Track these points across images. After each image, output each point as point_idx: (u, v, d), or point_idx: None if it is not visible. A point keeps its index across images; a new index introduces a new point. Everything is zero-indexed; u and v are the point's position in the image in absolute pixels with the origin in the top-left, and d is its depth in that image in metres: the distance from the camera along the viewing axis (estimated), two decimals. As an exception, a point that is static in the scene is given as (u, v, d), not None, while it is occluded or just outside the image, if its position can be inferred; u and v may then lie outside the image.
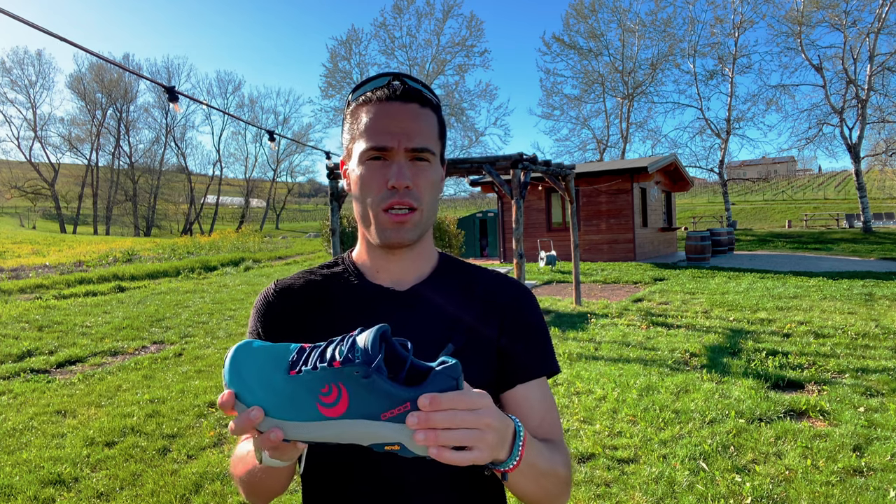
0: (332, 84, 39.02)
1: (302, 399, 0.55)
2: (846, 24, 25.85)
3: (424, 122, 0.81)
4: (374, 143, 0.79)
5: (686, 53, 32.35)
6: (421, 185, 0.80)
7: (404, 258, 0.87)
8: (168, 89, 5.94)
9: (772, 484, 3.12)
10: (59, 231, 46.17)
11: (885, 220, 31.79)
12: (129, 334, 7.70)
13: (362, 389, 0.52)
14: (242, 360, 0.58)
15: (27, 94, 52.81)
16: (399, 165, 0.78)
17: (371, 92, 0.82)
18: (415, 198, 0.80)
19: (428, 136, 0.81)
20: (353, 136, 0.83)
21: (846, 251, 18.46)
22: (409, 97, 0.81)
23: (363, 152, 0.80)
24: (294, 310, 0.87)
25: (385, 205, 0.79)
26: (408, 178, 0.78)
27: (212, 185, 60.66)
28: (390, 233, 0.80)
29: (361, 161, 0.81)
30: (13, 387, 5.38)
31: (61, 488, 3.33)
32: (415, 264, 0.88)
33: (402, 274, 0.88)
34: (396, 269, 0.87)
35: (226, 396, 0.57)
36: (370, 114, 0.80)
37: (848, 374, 5.04)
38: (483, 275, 0.93)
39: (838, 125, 26.72)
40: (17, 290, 11.64)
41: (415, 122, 0.80)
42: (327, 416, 0.54)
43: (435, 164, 0.83)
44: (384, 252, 0.86)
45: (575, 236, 9.62)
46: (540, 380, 0.86)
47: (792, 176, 65.49)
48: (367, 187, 0.81)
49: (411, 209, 0.80)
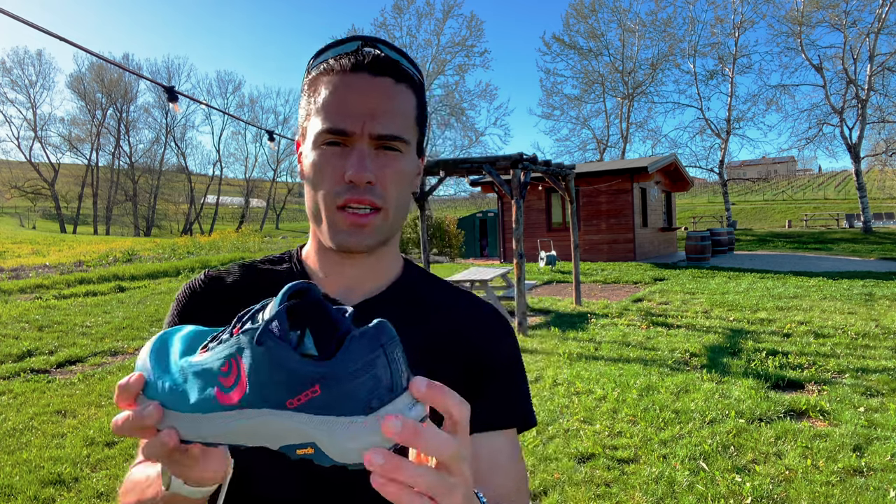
0: (332, 84, 39.01)
1: (202, 382, 0.43)
2: (846, 24, 25.86)
3: (398, 102, 0.66)
4: (330, 124, 0.64)
5: (686, 53, 32.37)
6: (387, 180, 0.66)
7: (359, 266, 0.72)
8: (168, 89, 5.94)
9: (772, 484, 3.12)
10: (59, 231, 46.16)
11: (885, 220, 31.78)
12: (129, 334, 7.70)
13: (261, 365, 0.39)
14: (171, 343, 0.47)
15: (27, 94, 52.79)
16: (360, 154, 0.63)
17: (335, 59, 0.66)
18: (378, 195, 0.65)
19: (400, 119, 0.66)
20: (308, 112, 0.68)
21: (846, 251, 18.46)
22: (380, 68, 0.65)
23: (318, 134, 0.65)
24: (221, 304, 0.72)
25: (340, 201, 0.65)
26: (370, 171, 0.63)
27: (212, 185, 60.66)
28: (344, 236, 0.66)
29: (316, 145, 0.66)
30: (13, 387, 5.38)
31: (61, 488, 3.33)
32: (371, 274, 0.74)
33: (355, 283, 0.73)
34: (348, 278, 0.73)
35: (133, 378, 0.45)
36: (330, 87, 0.65)
37: (848, 374, 5.04)
38: (451, 296, 0.77)
39: (838, 125, 26.74)
40: (17, 290, 11.64)
41: (385, 100, 0.65)
42: (224, 405, 0.41)
43: (408, 154, 0.68)
44: (336, 256, 0.71)
45: (575, 236, 9.62)
46: (508, 431, 0.71)
47: (792, 176, 65.49)
48: (320, 178, 0.66)
49: (374, 209, 0.66)
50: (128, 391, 0.44)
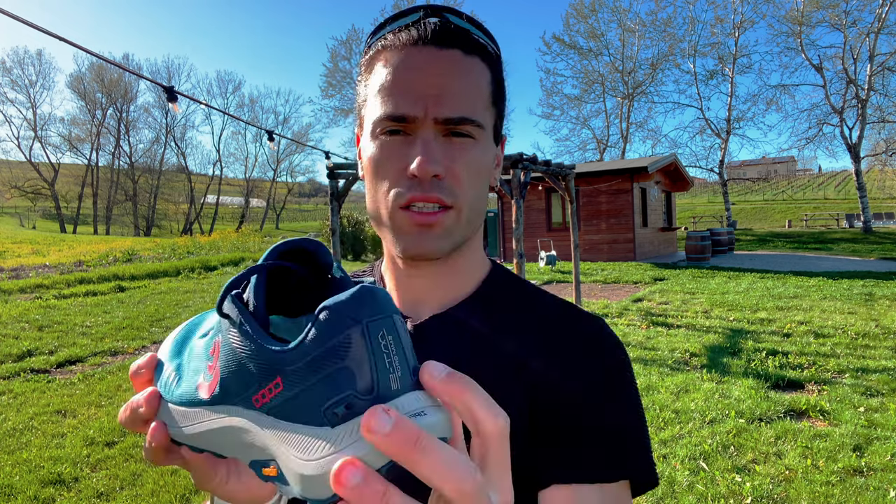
0: (332, 84, 39.19)
1: (195, 367, 0.37)
2: (846, 24, 25.87)
3: (468, 79, 0.56)
4: (389, 109, 0.55)
5: (686, 53, 32.38)
6: (457, 172, 0.56)
7: (428, 275, 0.62)
8: (167, 89, 5.94)
9: (772, 484, 3.12)
10: (59, 231, 46.17)
11: (885, 220, 31.79)
12: (129, 334, 7.70)
13: (225, 346, 0.32)
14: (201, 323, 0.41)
15: (27, 94, 52.87)
16: (425, 143, 0.54)
17: (393, 33, 0.57)
18: (447, 191, 0.56)
19: (472, 99, 0.56)
20: (365, 97, 0.60)
21: (846, 251, 18.46)
22: (445, 40, 0.56)
23: (376, 122, 0.57)
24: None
25: (403, 200, 0.56)
26: (437, 163, 0.54)
27: (212, 184, 60.70)
28: (409, 240, 0.57)
29: (374, 135, 0.58)
30: (13, 387, 5.38)
31: (61, 488, 3.33)
32: (443, 285, 0.63)
33: (424, 296, 0.63)
34: (416, 290, 0.63)
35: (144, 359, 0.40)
36: (388, 66, 0.56)
37: (848, 374, 5.04)
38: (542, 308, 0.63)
39: (838, 125, 26.75)
40: (17, 290, 11.64)
41: (452, 77, 0.55)
42: (201, 398, 0.34)
43: (482, 140, 0.58)
44: (403, 264, 0.62)
45: (575, 236, 9.62)
46: (605, 487, 0.53)
47: (792, 176, 65.53)
48: (380, 173, 0.57)
49: (443, 207, 0.56)
50: (137, 376, 0.40)
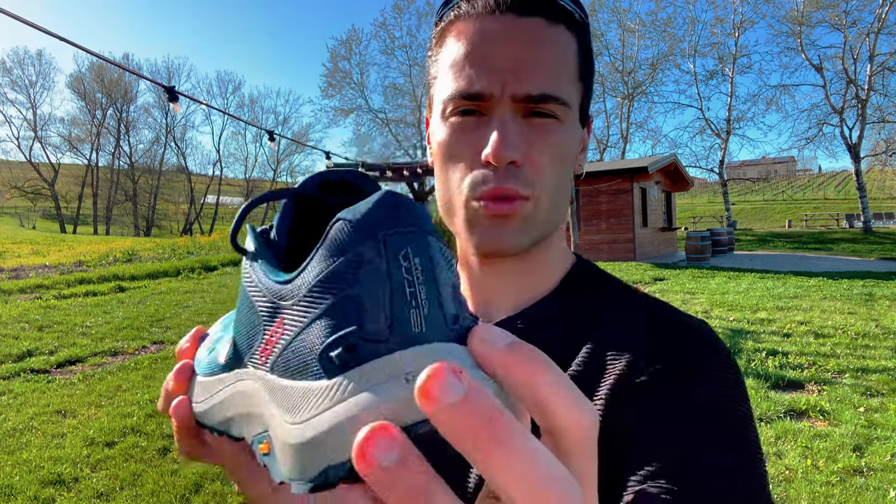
0: (332, 84, 39.24)
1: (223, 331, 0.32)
2: (846, 24, 25.89)
3: (551, 50, 0.49)
4: (462, 86, 0.49)
5: (686, 53, 32.40)
6: (539, 159, 0.50)
7: (503, 273, 0.55)
8: (168, 89, 5.94)
9: (772, 484, 3.12)
10: (59, 231, 46.18)
11: (885, 220, 31.80)
12: (129, 334, 7.70)
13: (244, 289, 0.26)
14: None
15: (27, 94, 52.95)
16: (502, 125, 0.48)
17: (467, 1, 0.51)
18: (524, 180, 0.49)
19: (556, 73, 0.49)
20: (436, 74, 0.54)
21: (846, 251, 18.46)
22: (528, 7, 0.49)
23: (446, 102, 0.51)
24: None
25: (477, 190, 0.50)
26: (514, 148, 0.47)
27: (212, 185, 60.70)
28: (483, 234, 0.51)
29: (445, 115, 0.52)
30: (13, 387, 5.38)
31: (61, 488, 3.33)
32: (519, 284, 0.56)
33: (497, 296, 0.56)
34: (489, 289, 0.57)
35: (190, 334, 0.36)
36: (463, 37, 0.50)
37: (848, 374, 5.04)
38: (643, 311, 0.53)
39: (838, 125, 26.77)
40: (17, 290, 11.64)
41: (533, 48, 0.48)
42: (219, 362, 0.29)
43: (567, 121, 0.51)
44: (475, 260, 0.56)
45: (575, 236, 9.63)
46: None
47: (792, 176, 65.54)
48: (451, 160, 0.51)
49: (519, 198, 0.50)
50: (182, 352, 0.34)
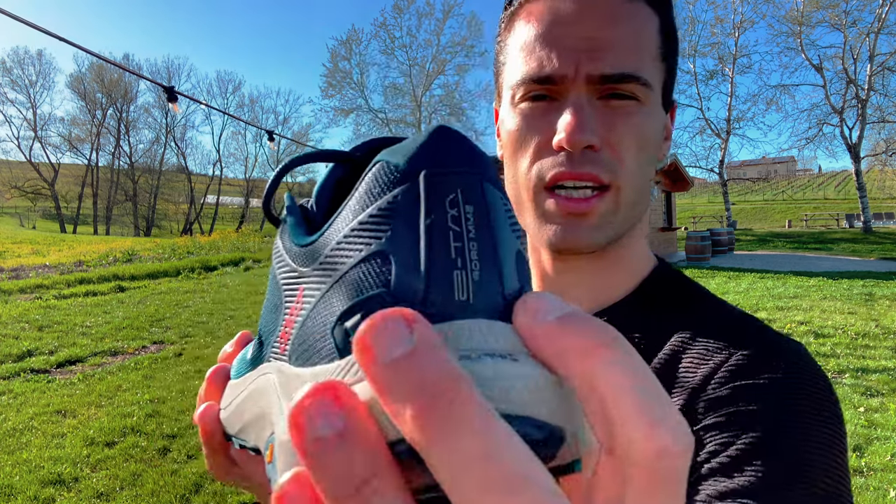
0: (332, 84, 39.13)
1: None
2: (846, 24, 25.89)
3: (632, 27, 0.46)
4: (532, 69, 0.46)
5: (686, 53, 32.37)
6: (619, 143, 0.46)
7: (578, 272, 0.51)
8: (167, 89, 5.95)
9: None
10: (59, 231, 46.19)
11: (885, 220, 31.82)
12: (129, 334, 7.70)
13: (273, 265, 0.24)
14: None
15: (27, 94, 52.98)
16: (576, 107, 0.44)
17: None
18: (604, 166, 0.45)
19: (636, 51, 0.46)
20: (504, 60, 0.51)
21: (846, 251, 18.47)
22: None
23: (515, 87, 0.48)
24: None
25: (548, 179, 0.46)
26: (590, 131, 0.44)
27: (212, 185, 60.74)
28: (557, 230, 0.47)
29: (514, 102, 0.48)
30: (13, 387, 5.38)
31: (61, 488, 3.33)
32: (597, 285, 0.52)
33: (572, 297, 0.51)
34: (564, 289, 0.52)
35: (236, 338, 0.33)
36: (533, 19, 0.47)
37: (848, 374, 5.04)
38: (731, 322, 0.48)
39: (838, 125, 26.77)
40: (17, 290, 11.64)
41: (610, 25, 0.45)
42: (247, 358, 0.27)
43: (650, 104, 0.47)
44: (548, 257, 0.52)
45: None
46: None
47: (792, 176, 65.56)
48: (520, 148, 0.48)
49: (598, 187, 0.46)
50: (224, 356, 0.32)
